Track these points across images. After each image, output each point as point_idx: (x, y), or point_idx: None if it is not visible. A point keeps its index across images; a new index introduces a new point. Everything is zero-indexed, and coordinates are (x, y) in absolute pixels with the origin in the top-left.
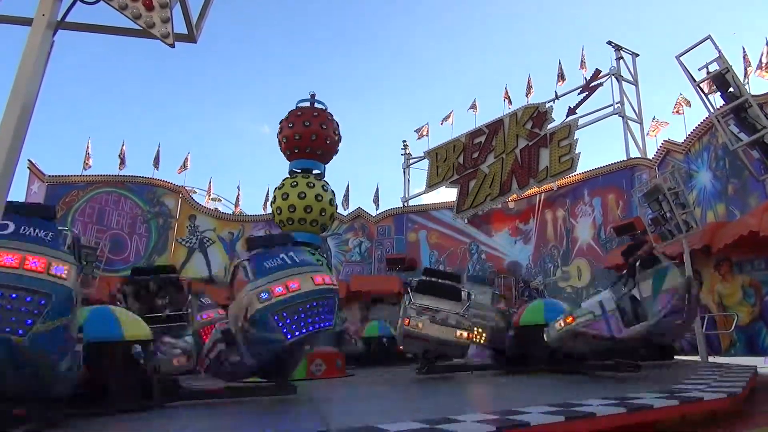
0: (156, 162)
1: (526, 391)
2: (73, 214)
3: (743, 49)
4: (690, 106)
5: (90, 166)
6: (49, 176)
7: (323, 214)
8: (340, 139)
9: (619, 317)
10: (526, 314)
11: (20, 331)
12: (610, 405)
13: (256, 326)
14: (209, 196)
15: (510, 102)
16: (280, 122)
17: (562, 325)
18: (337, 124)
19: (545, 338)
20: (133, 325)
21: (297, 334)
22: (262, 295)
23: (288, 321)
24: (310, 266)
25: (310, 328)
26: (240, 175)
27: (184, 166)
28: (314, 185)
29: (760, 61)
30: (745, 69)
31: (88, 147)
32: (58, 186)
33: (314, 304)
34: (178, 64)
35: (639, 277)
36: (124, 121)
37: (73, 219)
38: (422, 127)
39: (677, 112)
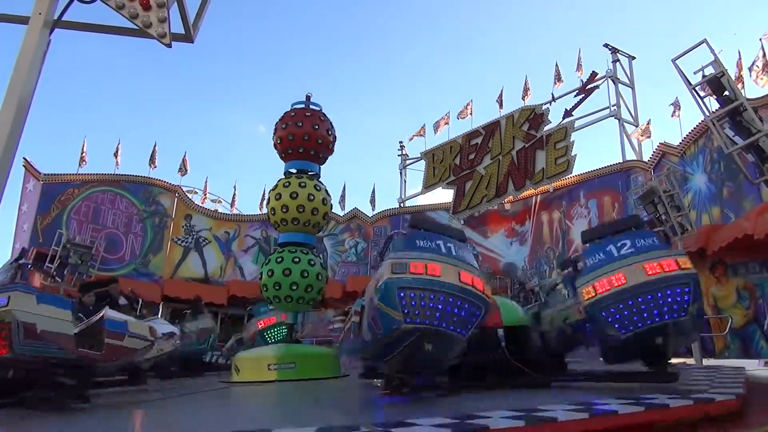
0: (152, 160)
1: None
2: (69, 213)
3: (738, 53)
4: (680, 109)
5: (86, 163)
6: (45, 174)
7: (315, 213)
8: (334, 139)
9: None
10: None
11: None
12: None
13: (380, 298)
14: (205, 195)
15: (501, 106)
16: (275, 124)
17: None
18: (331, 124)
19: None
20: None
21: (417, 321)
22: (397, 267)
23: (413, 304)
24: (466, 264)
25: (435, 323)
26: (236, 175)
27: (184, 168)
28: (306, 185)
29: (755, 65)
30: (739, 73)
31: (83, 145)
32: (53, 184)
33: (450, 300)
34: (172, 62)
35: None
36: (118, 120)
37: (69, 218)
38: (417, 131)
39: (674, 115)
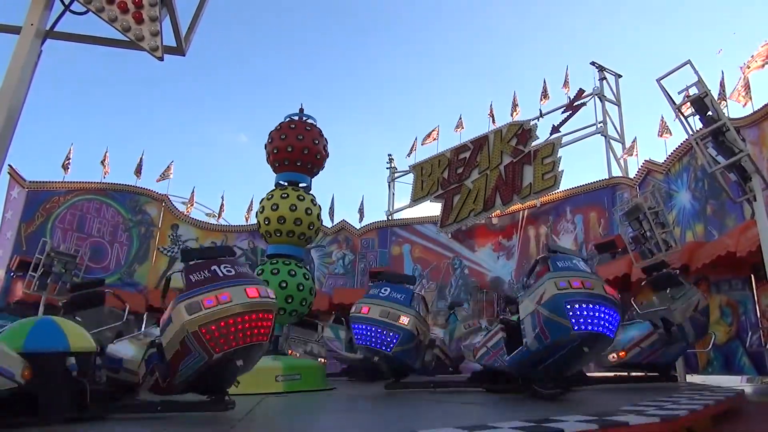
0: (138, 170)
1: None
2: (53, 221)
3: (722, 73)
4: (671, 134)
5: (68, 171)
6: (30, 182)
7: (311, 228)
8: (328, 156)
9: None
10: None
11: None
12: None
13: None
14: (191, 204)
15: (494, 121)
16: (271, 133)
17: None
18: (327, 141)
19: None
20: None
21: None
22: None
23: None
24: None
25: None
26: (220, 184)
27: (166, 175)
28: (305, 198)
29: (737, 87)
30: (722, 93)
31: (69, 153)
32: (38, 192)
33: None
34: (155, 72)
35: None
36: (105, 129)
37: (53, 226)
38: (412, 144)
39: (662, 135)
